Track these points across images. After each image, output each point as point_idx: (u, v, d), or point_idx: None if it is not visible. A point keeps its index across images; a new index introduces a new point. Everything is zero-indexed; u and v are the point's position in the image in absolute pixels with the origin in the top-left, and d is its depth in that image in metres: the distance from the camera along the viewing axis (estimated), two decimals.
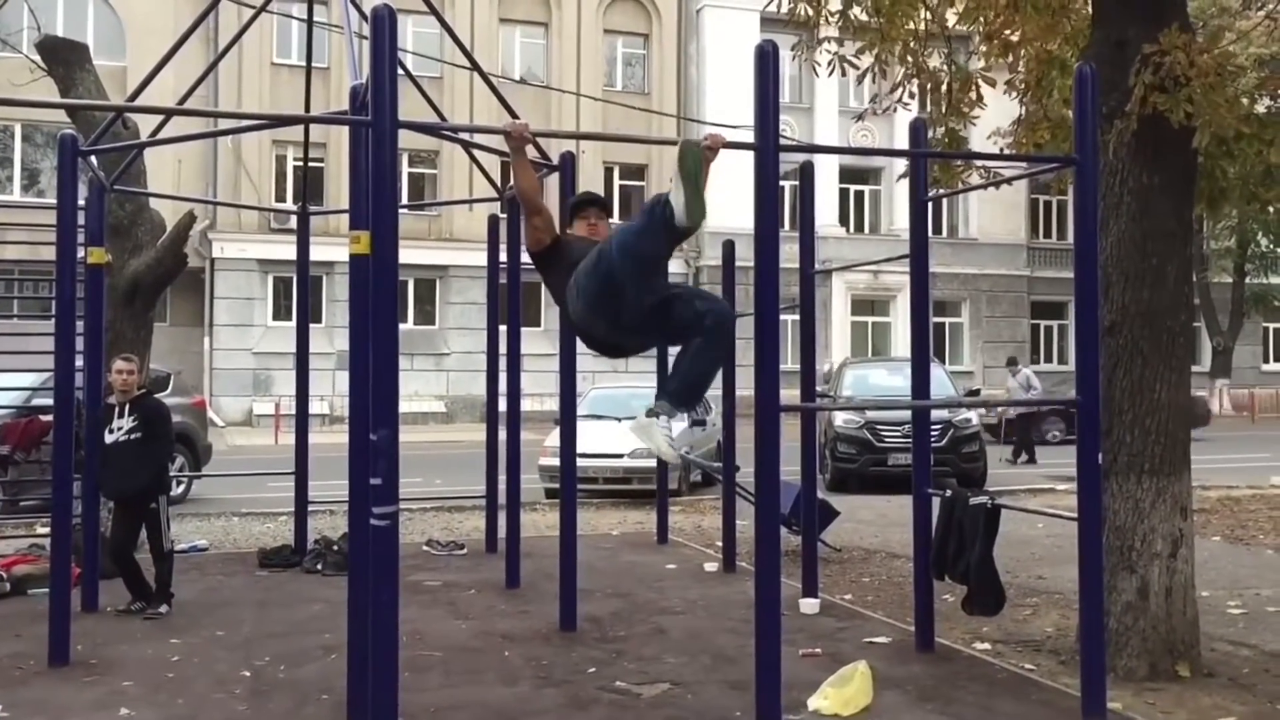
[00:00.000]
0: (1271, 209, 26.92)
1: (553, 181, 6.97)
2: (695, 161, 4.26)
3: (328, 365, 26.65)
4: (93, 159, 7.52)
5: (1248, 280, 34.41)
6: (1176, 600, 5.81)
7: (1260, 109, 7.01)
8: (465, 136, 9.74)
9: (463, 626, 7.03)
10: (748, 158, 4.75)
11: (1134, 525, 5.82)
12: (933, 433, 9.52)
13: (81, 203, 7.23)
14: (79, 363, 7.16)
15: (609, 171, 31.12)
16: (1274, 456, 19.29)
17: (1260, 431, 27.00)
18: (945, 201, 29.18)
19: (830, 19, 7.09)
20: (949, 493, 6.19)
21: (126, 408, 7.44)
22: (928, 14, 7.22)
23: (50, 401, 6.85)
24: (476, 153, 9.76)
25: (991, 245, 34.43)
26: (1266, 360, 38.10)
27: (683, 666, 6.04)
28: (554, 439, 12.76)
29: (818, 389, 9.51)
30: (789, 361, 17.83)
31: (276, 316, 28.86)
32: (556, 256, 4.89)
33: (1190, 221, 6.31)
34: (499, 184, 9.37)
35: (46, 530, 7.18)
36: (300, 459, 9.72)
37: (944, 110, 7.21)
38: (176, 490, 12.50)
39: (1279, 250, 33.45)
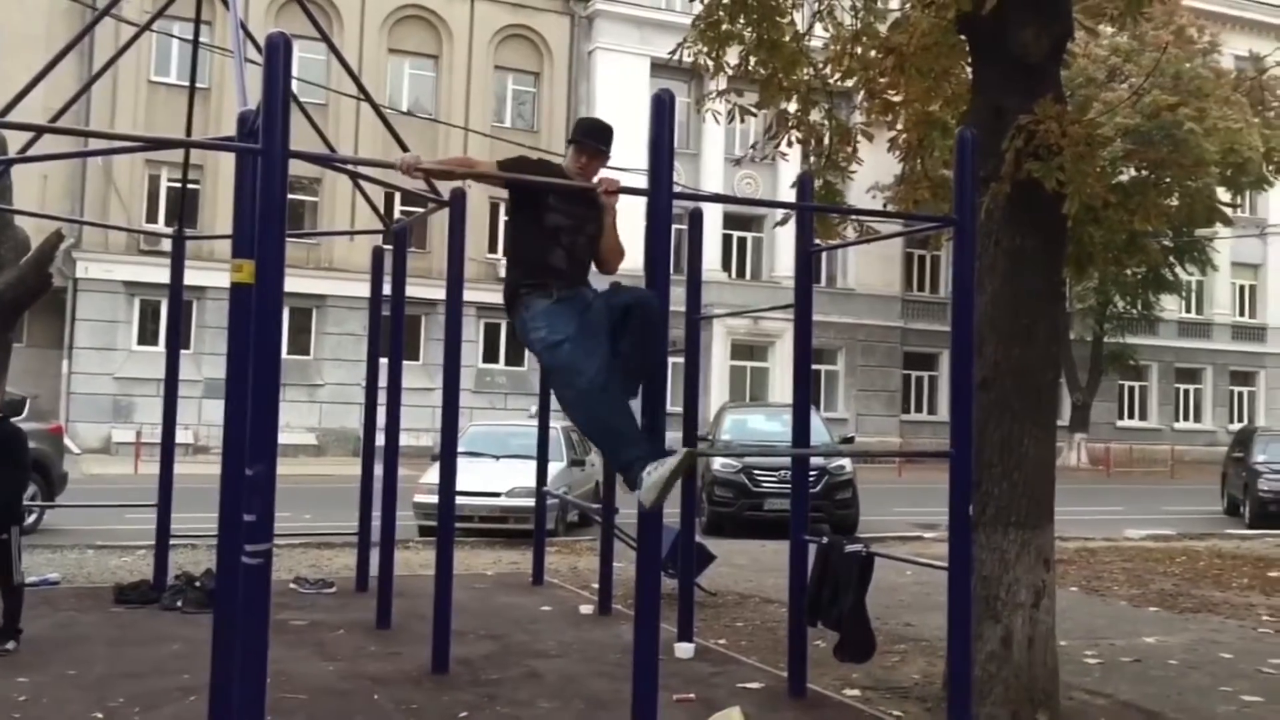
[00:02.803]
0: (1130, 272, 28.29)
1: (441, 216, 6.91)
2: (683, 473, 4.51)
3: (194, 393, 25.87)
4: None
5: (1105, 339, 35.99)
6: (1038, 650, 5.98)
7: (1124, 178, 7.37)
8: (353, 167, 9.60)
9: (330, 668, 6.83)
10: (636, 201, 4.80)
11: (999, 575, 5.98)
12: (809, 479, 9.68)
13: None
14: None
15: (495, 208, 31.05)
16: (1128, 509, 20.14)
17: (1115, 485, 28.14)
18: (825, 252, 29.90)
19: (728, 70, 7.23)
20: (825, 540, 6.28)
21: None
22: (811, 69, 7.42)
23: None
24: (362, 183, 9.64)
25: (868, 296, 35.33)
26: (1122, 416, 39.82)
27: (556, 711, 5.98)
28: (430, 475, 12.58)
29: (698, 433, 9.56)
30: (672, 404, 17.95)
31: (141, 341, 27.93)
32: (516, 187, 4.96)
33: (1059, 283, 6.57)
34: (384, 214, 9.26)
35: None
36: (164, 490, 9.35)
37: (822, 164, 7.40)
38: (28, 520, 11.91)
39: (1135, 311, 35.10)
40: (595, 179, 4.97)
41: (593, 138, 5.05)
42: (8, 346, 9.10)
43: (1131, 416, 40.28)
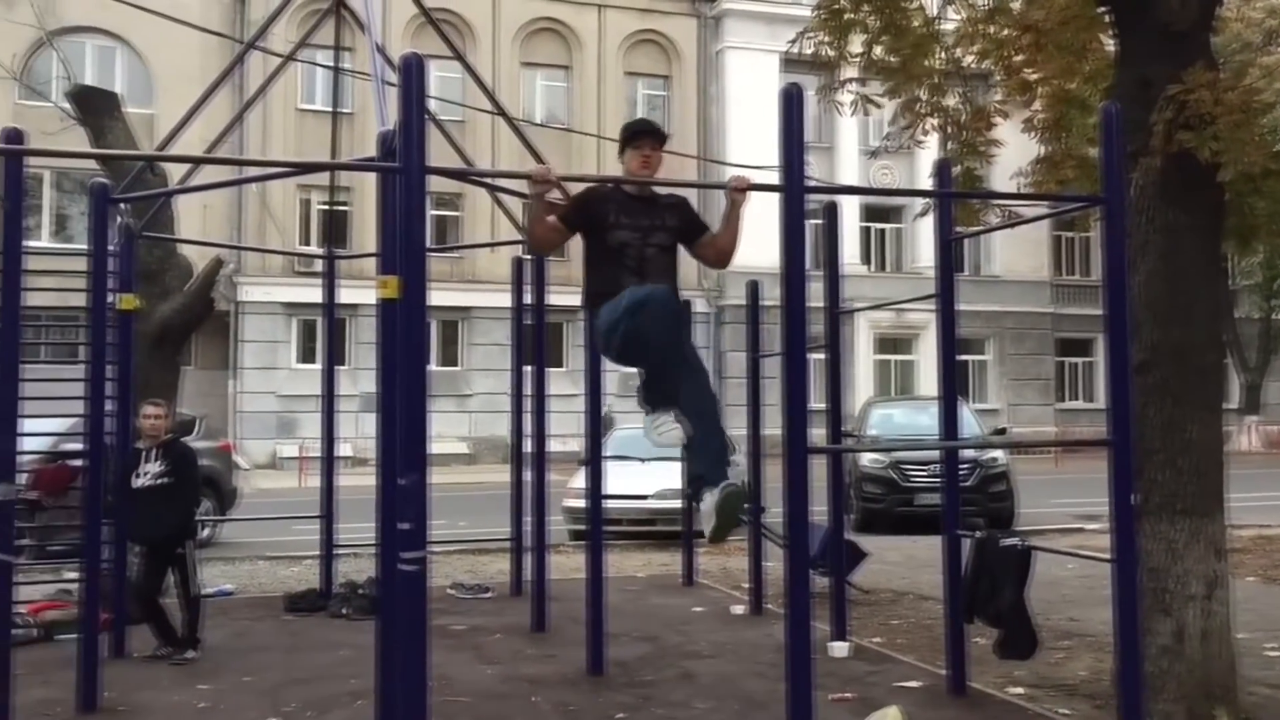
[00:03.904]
0: None
1: None
2: (738, 508, 4.54)
3: (352, 407, 26.75)
4: (123, 206, 7.62)
5: (1275, 315, 34.13)
6: (1213, 643, 5.71)
7: None
8: (491, 180, 9.81)
9: (489, 671, 6.99)
10: (771, 198, 4.77)
11: (1168, 567, 5.73)
12: (961, 472, 9.45)
13: (112, 248, 7.31)
14: (108, 407, 7.21)
15: None
16: None
17: None
18: (968, 239, 29.19)
19: (851, 59, 7.12)
20: (980, 534, 6.13)
21: (155, 452, 7.47)
22: (943, 54, 7.25)
23: (79, 446, 6.89)
24: (501, 195, 9.84)
25: (1016, 282, 34.32)
26: None
27: (712, 712, 5.98)
28: (579, 480, 12.73)
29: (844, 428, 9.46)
30: (815, 401, 17.78)
31: (301, 359, 29.03)
32: (581, 228, 4.84)
33: (1219, 259, 6.26)
34: (522, 225, 9.41)
35: (75, 576, 7.19)
36: (326, 501, 9.72)
37: (961, 150, 7.22)
38: (203, 534, 12.51)
39: None
40: (734, 182, 4.90)
41: (643, 133, 4.90)
42: (176, 369, 9.61)
43: None
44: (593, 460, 7.11)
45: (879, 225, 33.89)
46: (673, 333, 4.60)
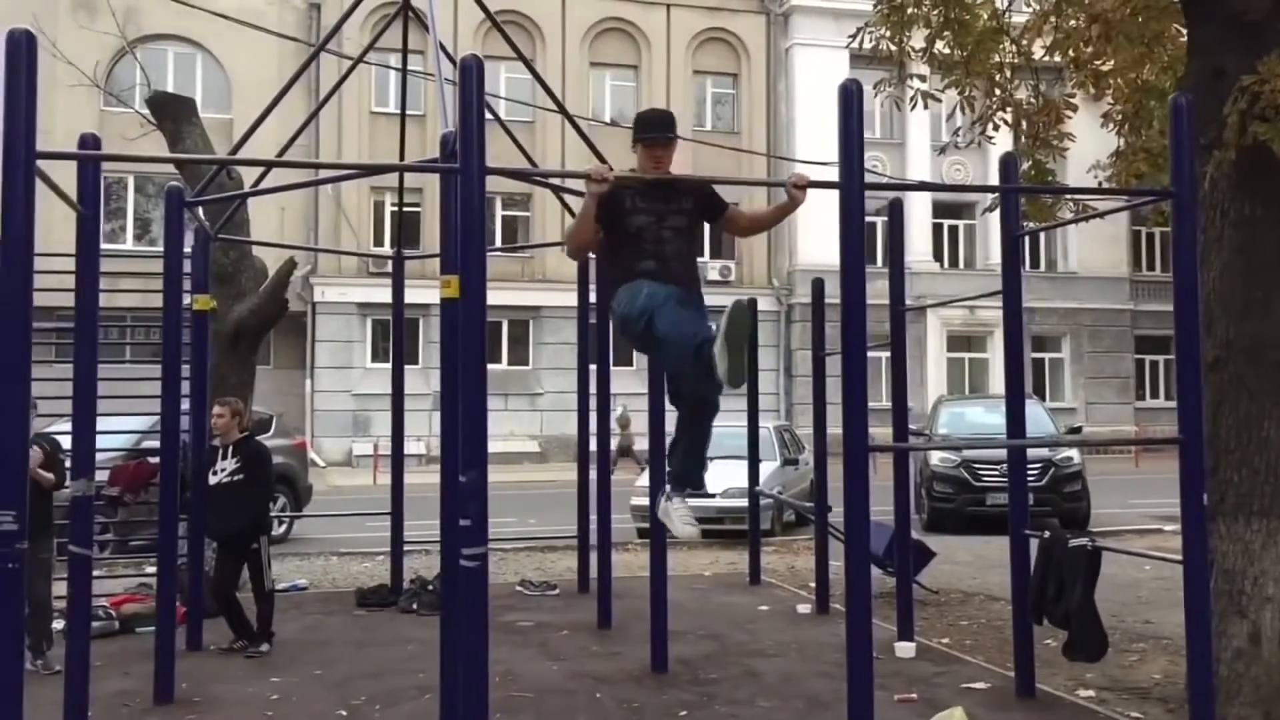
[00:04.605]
0: None
1: None
2: (743, 330, 4.36)
3: (424, 406, 27.06)
4: (199, 209, 7.81)
5: None
6: None
7: None
8: (554, 180, 9.88)
9: (555, 668, 7.04)
10: (837, 195, 4.74)
11: (1244, 568, 5.59)
12: (1032, 472, 9.32)
13: (188, 251, 7.49)
14: (184, 406, 7.39)
15: None
16: None
17: None
18: (1043, 235, 28.65)
19: (913, 55, 7.05)
20: (1047, 534, 6.04)
21: (229, 450, 7.65)
22: (1012, 46, 7.14)
23: (158, 444, 7.07)
24: (566, 195, 9.90)
25: (1092, 279, 33.65)
26: None
27: (775, 711, 5.97)
28: (646, 479, 12.77)
29: (913, 427, 9.37)
30: (881, 399, 17.59)
31: (375, 358, 29.43)
32: (603, 220, 4.81)
33: None
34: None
35: (154, 570, 7.38)
36: (396, 499, 9.86)
37: (1032, 143, 7.11)
38: (278, 530, 12.76)
39: None
40: (794, 179, 4.89)
41: (654, 129, 4.90)
42: (251, 368, 9.81)
43: None
44: (655, 459, 7.11)
45: (951, 221, 33.43)
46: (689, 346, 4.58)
